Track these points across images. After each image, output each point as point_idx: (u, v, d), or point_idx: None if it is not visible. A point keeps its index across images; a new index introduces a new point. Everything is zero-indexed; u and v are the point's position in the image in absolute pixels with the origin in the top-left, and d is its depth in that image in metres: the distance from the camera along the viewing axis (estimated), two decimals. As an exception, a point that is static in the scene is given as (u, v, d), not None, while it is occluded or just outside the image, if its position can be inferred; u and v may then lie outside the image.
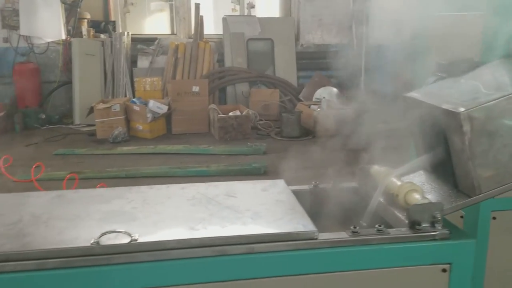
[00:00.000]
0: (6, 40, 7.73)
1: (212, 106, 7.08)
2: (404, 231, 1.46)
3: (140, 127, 6.78)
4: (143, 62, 8.06)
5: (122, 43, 7.73)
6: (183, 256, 1.35)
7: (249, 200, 1.66)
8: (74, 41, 7.61)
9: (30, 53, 7.71)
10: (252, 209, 1.57)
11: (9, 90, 7.63)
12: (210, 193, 1.72)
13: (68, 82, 7.70)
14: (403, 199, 1.55)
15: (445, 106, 1.49)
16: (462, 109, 1.42)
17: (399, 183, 1.60)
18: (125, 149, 6.14)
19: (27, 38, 7.62)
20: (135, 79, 7.60)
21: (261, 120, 7.04)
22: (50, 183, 4.65)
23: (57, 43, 7.70)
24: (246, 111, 6.72)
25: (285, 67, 8.12)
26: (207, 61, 7.79)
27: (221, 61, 8.09)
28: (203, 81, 7.31)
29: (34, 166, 4.90)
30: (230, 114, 6.73)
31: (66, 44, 7.68)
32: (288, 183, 1.84)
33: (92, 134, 6.80)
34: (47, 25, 7.50)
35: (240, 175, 5.02)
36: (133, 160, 5.81)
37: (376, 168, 1.74)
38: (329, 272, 1.41)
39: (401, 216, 1.56)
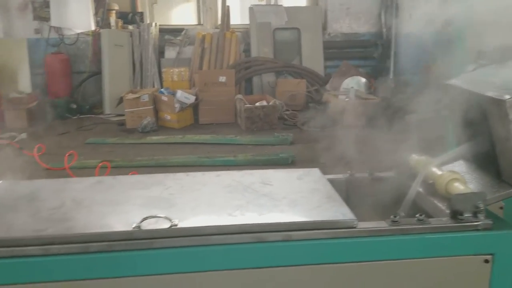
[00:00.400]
0: (37, 31, 7.90)
1: (239, 96, 7.08)
2: (445, 221, 1.43)
3: (168, 117, 6.84)
4: (170, 53, 8.12)
5: (150, 33, 7.80)
6: (222, 242, 1.36)
7: (285, 188, 1.66)
8: (103, 32, 7.71)
9: (60, 44, 7.86)
10: (289, 197, 1.57)
11: (41, 81, 7.81)
12: (246, 180, 1.73)
13: (98, 73, 7.82)
14: (444, 189, 1.51)
15: (489, 94, 1.45)
16: (507, 97, 1.38)
17: (440, 172, 1.57)
18: (154, 138, 6.21)
19: (57, 29, 7.77)
20: (162, 70, 7.66)
21: (288, 110, 7.00)
22: (82, 171, 4.76)
23: (86, 34, 7.83)
24: (273, 101, 6.70)
25: (312, 57, 8.05)
26: (234, 51, 7.79)
27: (247, 51, 8.08)
28: (230, 71, 7.32)
29: (67, 155, 5.03)
30: (257, 104, 6.72)
31: (96, 35, 7.80)
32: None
33: (122, 123, 6.91)
34: (76, 16, 7.63)
35: (267, 165, 5.03)
36: (162, 149, 5.87)
37: (415, 157, 1.71)
38: (368, 261, 1.39)
39: (441, 206, 1.54)
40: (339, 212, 1.45)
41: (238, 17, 8.58)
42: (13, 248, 1.29)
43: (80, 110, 7.59)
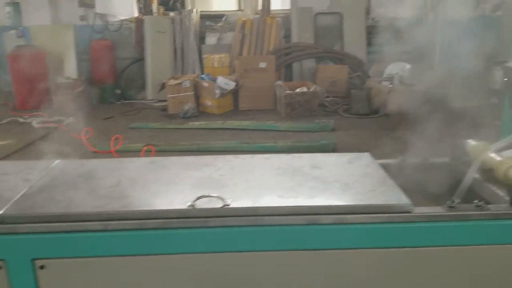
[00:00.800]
0: (83, 18, 8.12)
1: (278, 82, 7.05)
2: (505, 207, 1.38)
3: (209, 103, 6.91)
4: (211, 39, 8.16)
5: (191, 20, 7.86)
6: (275, 222, 1.36)
7: (336, 171, 1.64)
8: (146, 18, 7.83)
9: (105, 31, 8.05)
10: (340, 180, 1.56)
11: (86, 67, 8.05)
12: (295, 164, 1.72)
13: (141, 59, 7.97)
14: (504, 175, 1.46)
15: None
16: None
17: (499, 158, 1.51)
18: (195, 124, 6.30)
19: (102, 16, 7.96)
20: (203, 56, 7.72)
21: (328, 97, 6.91)
22: (127, 155, 4.88)
23: (129, 20, 7.98)
24: (313, 88, 6.63)
25: (354, 42, 7.88)
26: (274, 37, 7.74)
27: (287, 37, 8.01)
28: (270, 57, 7.29)
29: (113, 138, 5.18)
30: (297, 90, 6.67)
31: (138, 22, 7.93)
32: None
33: (164, 109, 7.03)
34: (120, 3, 7.79)
35: (308, 152, 4.99)
36: (203, 134, 5.95)
37: (471, 143, 1.65)
38: (424, 246, 1.37)
39: (500, 192, 1.48)
40: (394, 196, 1.42)
41: (279, 2, 8.51)
42: (74, 223, 1.35)
43: (123, 96, 7.79)
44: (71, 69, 7.99)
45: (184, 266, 1.38)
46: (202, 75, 7.22)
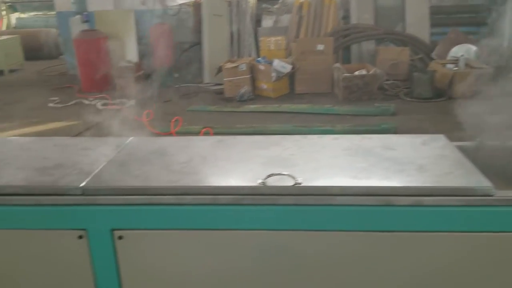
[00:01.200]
0: (143, 3, 8.32)
1: (337, 65, 6.91)
2: None
3: (265, 86, 6.90)
4: (267, 22, 8.12)
5: (247, 3, 7.84)
6: (347, 203, 1.34)
7: (410, 153, 1.58)
8: (204, 2, 7.90)
9: (164, 15, 8.21)
10: (415, 162, 1.50)
11: (146, 50, 8.27)
12: (365, 144, 1.68)
13: (198, 43, 8.08)
14: None
15: None
16: None
17: None
18: (251, 107, 6.32)
19: (161, 1, 8.12)
20: (259, 39, 7.70)
21: (388, 80, 6.69)
22: (186, 136, 4.99)
23: (188, 5, 8.09)
24: (373, 70, 6.44)
25: (417, 23, 7.55)
26: (332, 19, 7.57)
27: (346, 18, 7.80)
28: (328, 39, 7.14)
29: (173, 120, 5.31)
30: (356, 73, 6.50)
31: (196, 6, 8.02)
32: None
33: (220, 92, 7.11)
34: (179, -12, 7.91)
35: (367, 136, 4.88)
36: (259, 118, 5.97)
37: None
38: (505, 231, 1.29)
39: None
40: (473, 179, 1.36)
41: (337, -17, 8.28)
42: (151, 197, 1.39)
43: (181, 79, 7.94)
44: (132, 53, 8.25)
45: (254, 242, 1.40)
46: (258, 58, 7.22)
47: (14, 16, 15.01)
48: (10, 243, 1.45)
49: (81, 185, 1.41)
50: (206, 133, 4.93)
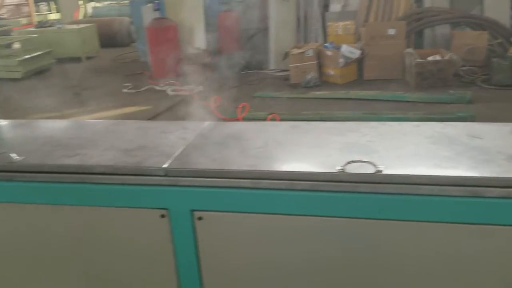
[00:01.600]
0: (211, -10, 8.44)
1: (408, 50, 6.63)
2: None
3: (332, 72, 6.78)
4: (335, 6, 7.94)
5: (316, -13, 7.71)
6: (432, 193, 1.28)
7: (498, 142, 1.48)
8: (271, -13, 7.87)
9: (232, 2, 8.28)
10: (505, 152, 1.40)
11: (214, 37, 8.40)
12: (449, 132, 1.60)
13: (265, 29, 8.08)
14: None
15: None
16: None
17: None
18: (318, 93, 6.25)
19: (229, -13, 8.19)
20: (327, 24, 7.56)
21: (464, 66, 6.32)
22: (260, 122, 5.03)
23: (255, -10, 8.10)
24: (448, 56, 6.10)
25: (496, 6, 7.04)
26: (404, 2, 7.25)
27: (419, 1, 7.44)
28: (400, 23, 6.86)
29: (240, 106, 5.38)
30: (429, 59, 6.21)
31: (263, -9, 8.01)
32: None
33: (286, 78, 7.09)
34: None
35: (440, 124, 4.65)
36: (325, 104, 5.89)
37: None
38: None
39: None
40: None
41: (410, -36, 7.90)
42: (229, 179, 1.41)
43: (247, 65, 8.00)
44: (200, 40, 8.42)
45: (331, 230, 1.38)
46: (326, 44, 7.09)
47: (90, 6, 15.84)
48: (97, 219, 1.54)
49: (164, 166, 1.47)
50: (273, 120, 4.94)
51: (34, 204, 1.53)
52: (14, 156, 1.55)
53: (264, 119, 5.09)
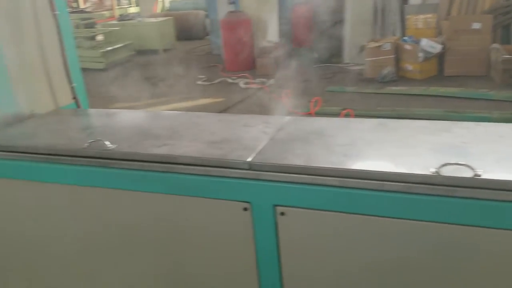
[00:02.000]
0: (286, -17, 8.40)
1: (495, 45, 6.19)
2: None
3: (410, 67, 6.51)
4: (415, -1, 7.60)
5: (395, -22, 7.41)
6: (540, 202, 1.17)
7: None
8: (348, -21, 7.68)
9: (306, -5, 8.20)
10: None
11: (287, 30, 8.37)
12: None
13: (339, 21, 7.92)
14: None
15: None
16: None
17: None
18: (394, 89, 6.03)
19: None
20: (406, 17, 7.25)
21: (560, 62, 5.78)
22: (325, 117, 4.96)
23: (331, -18, 7.93)
24: (542, 51, 5.62)
25: None
26: (492, -7, 6.77)
27: (509, -8, 6.90)
28: (486, 17, 6.41)
29: (312, 100, 5.32)
30: (519, 54, 5.75)
31: (340, -17, 7.84)
32: None
33: (360, 73, 6.91)
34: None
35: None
36: (402, 100, 5.66)
37: None
38: None
39: None
40: None
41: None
42: (314, 176, 1.39)
43: (320, 59, 7.90)
44: (273, 33, 8.43)
45: (423, 234, 1.31)
46: (405, 37, 6.81)
47: None
48: (182, 208, 1.58)
49: (248, 160, 1.47)
50: (347, 115, 4.83)
51: (125, 190, 1.60)
52: (108, 144, 1.63)
53: (338, 114, 5.00)
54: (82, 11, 13.87)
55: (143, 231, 1.66)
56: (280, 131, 1.71)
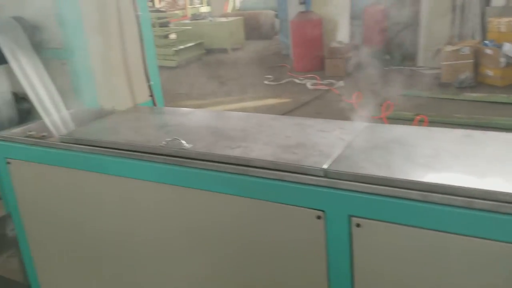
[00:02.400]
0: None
1: None
2: None
3: (490, 73, 6.11)
4: (498, 0, 7.11)
5: (478, -22, 6.98)
6: None
7: None
8: (426, -21, 7.35)
9: (380, -5, 7.96)
10: None
11: (357, 31, 8.18)
12: None
13: (413, 24, 7.61)
14: None
15: None
16: None
17: None
18: (473, 95, 5.69)
19: (379, -20, 7.86)
20: (487, 19, 6.81)
21: None
22: (397, 122, 4.77)
23: (407, -17, 7.64)
24: None
25: None
26: None
27: None
28: None
29: (384, 104, 5.15)
30: None
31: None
32: None
33: (436, 77, 6.60)
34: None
35: None
36: (480, 108, 5.33)
37: None
38: None
39: None
40: None
41: None
42: (395, 189, 1.32)
43: (393, 61, 7.63)
44: (343, 34, 8.27)
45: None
46: (485, 41, 6.40)
47: (238, -1, 16.66)
48: (253, 212, 1.56)
49: (323, 167, 1.43)
50: (421, 121, 4.62)
51: (198, 190, 1.61)
52: (184, 143, 1.66)
53: (410, 120, 4.80)
54: (157, 11, 14.42)
55: (213, 231, 1.67)
56: (357, 138, 1.66)
